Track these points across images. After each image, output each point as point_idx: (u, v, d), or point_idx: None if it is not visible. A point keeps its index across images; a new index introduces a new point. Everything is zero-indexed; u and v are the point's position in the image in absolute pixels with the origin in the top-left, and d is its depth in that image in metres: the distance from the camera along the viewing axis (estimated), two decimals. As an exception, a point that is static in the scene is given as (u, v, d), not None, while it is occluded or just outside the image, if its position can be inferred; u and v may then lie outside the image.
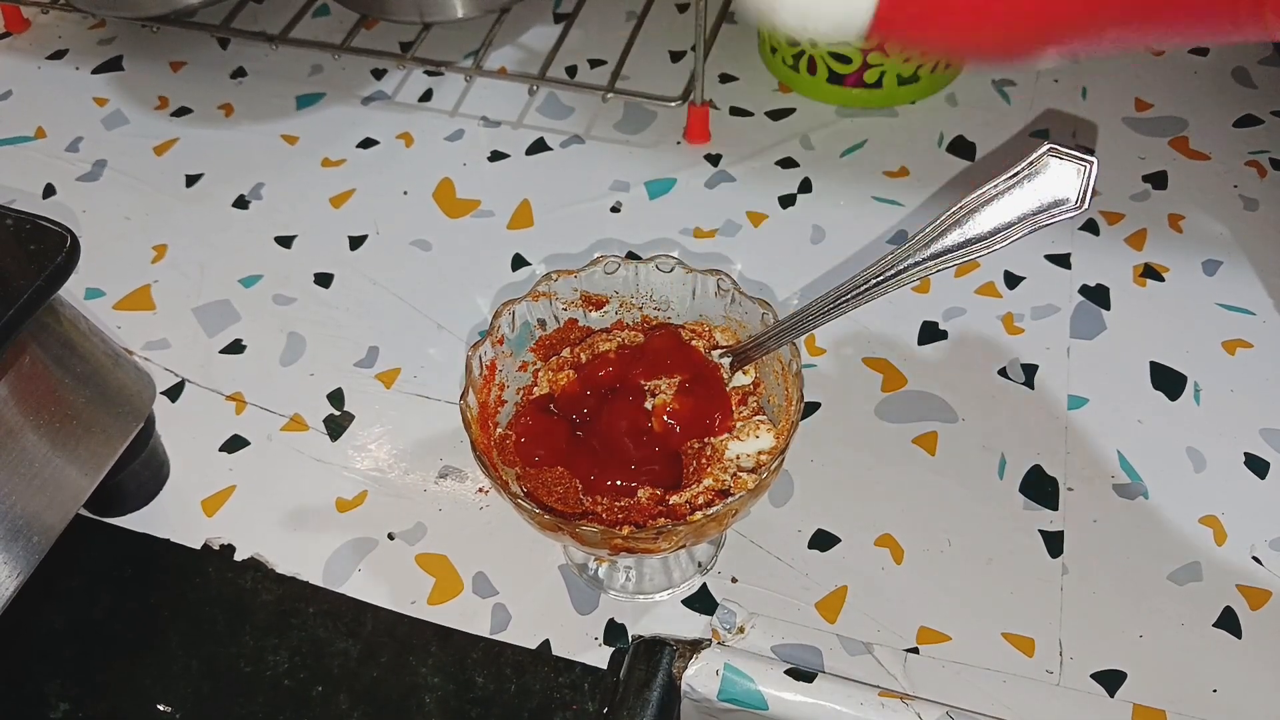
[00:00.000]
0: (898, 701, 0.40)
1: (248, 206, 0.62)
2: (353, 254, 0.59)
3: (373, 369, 0.53)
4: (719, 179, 0.62)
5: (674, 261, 0.42)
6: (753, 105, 0.66)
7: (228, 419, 0.52)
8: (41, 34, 0.74)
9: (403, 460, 0.50)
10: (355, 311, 0.56)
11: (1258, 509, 0.46)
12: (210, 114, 0.67)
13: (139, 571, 0.47)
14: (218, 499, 0.49)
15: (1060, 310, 0.54)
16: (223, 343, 0.55)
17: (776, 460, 0.37)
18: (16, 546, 0.40)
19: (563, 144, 0.64)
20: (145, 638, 0.45)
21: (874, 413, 0.50)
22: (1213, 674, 0.42)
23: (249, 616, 0.45)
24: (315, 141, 0.65)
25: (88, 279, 0.58)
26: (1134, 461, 0.48)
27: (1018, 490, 0.47)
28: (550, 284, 0.42)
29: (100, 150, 0.65)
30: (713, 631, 0.44)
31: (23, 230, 0.40)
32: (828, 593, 0.45)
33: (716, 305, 0.43)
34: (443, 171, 0.63)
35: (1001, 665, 0.42)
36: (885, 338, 0.53)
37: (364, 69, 0.69)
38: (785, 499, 0.47)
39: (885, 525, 0.46)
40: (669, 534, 0.36)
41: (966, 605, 0.44)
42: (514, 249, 0.58)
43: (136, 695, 0.43)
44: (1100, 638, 0.43)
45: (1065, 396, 0.50)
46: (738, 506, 0.37)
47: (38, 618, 0.45)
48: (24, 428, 0.40)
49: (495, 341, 0.41)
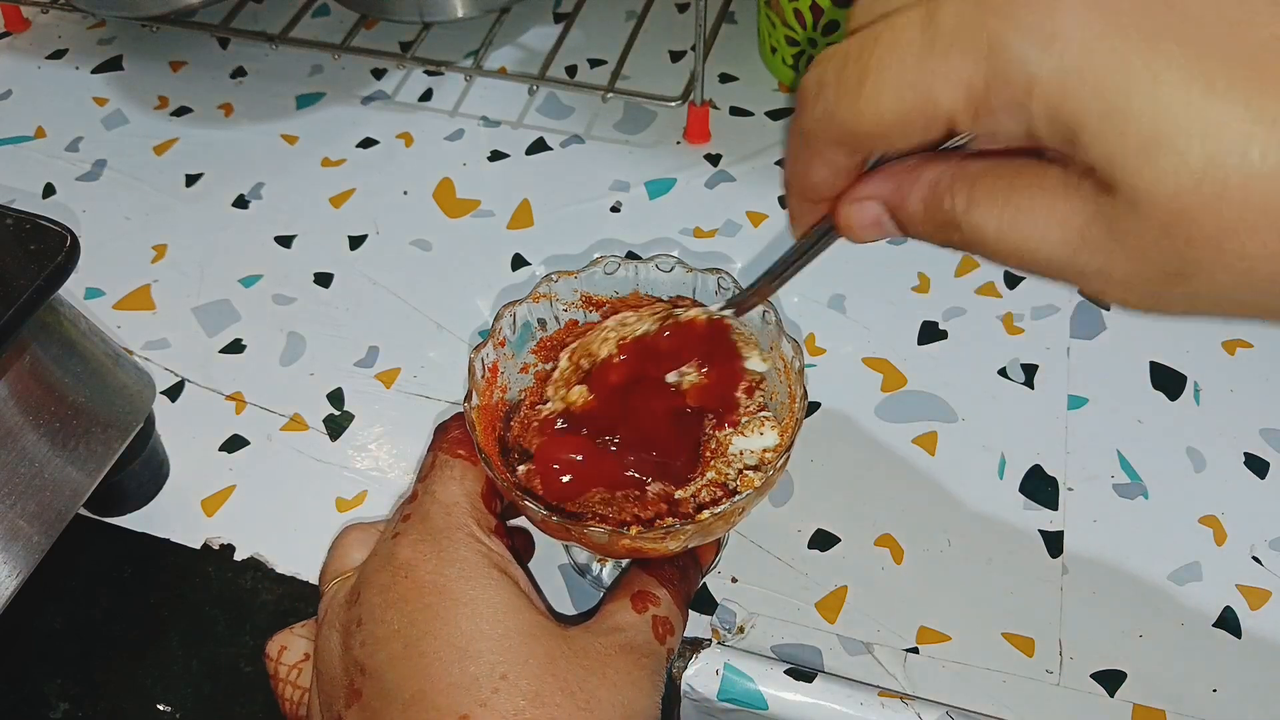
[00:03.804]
0: (898, 701, 0.40)
1: (248, 206, 0.62)
2: (353, 254, 0.59)
3: (373, 369, 0.53)
4: (719, 179, 0.62)
5: (674, 261, 0.42)
6: (753, 105, 0.66)
7: (228, 419, 0.52)
8: (41, 34, 0.74)
9: (403, 460, 0.50)
10: (355, 311, 0.56)
11: (1258, 509, 0.46)
12: (210, 114, 0.67)
13: (139, 571, 0.47)
14: (218, 499, 0.49)
15: (1060, 310, 0.54)
16: (223, 342, 0.55)
17: (782, 458, 0.37)
18: (16, 546, 0.40)
19: (563, 144, 0.64)
20: (145, 638, 0.45)
21: (874, 413, 0.50)
22: (1213, 674, 0.42)
23: (249, 616, 0.45)
24: (315, 141, 0.65)
25: (88, 279, 0.58)
26: (1134, 461, 0.48)
27: (1018, 490, 0.47)
28: (550, 285, 0.42)
29: (100, 150, 0.65)
30: (713, 631, 0.44)
31: (23, 230, 0.40)
32: (828, 593, 0.45)
33: (716, 304, 0.43)
34: (443, 171, 0.63)
35: (1001, 665, 0.42)
36: (885, 338, 0.53)
37: (364, 69, 0.69)
38: (785, 499, 0.47)
39: (885, 525, 0.46)
40: (676, 534, 0.36)
41: (966, 605, 0.44)
42: (514, 249, 0.58)
43: (136, 695, 0.43)
44: (1100, 638, 0.43)
45: (1065, 396, 0.50)
46: (745, 505, 0.36)
47: (38, 618, 0.45)
48: (24, 428, 0.40)
49: (497, 344, 0.41)
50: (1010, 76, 0.22)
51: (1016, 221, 0.24)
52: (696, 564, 0.40)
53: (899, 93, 0.23)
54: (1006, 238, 0.24)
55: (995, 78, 0.22)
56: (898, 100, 0.24)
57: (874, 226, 0.28)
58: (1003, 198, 0.24)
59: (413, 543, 0.34)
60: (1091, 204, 0.23)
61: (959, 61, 0.22)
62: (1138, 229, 0.22)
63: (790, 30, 0.63)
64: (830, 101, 0.25)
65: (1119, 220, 0.22)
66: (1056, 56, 0.21)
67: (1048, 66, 0.21)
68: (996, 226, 0.24)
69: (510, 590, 0.33)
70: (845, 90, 0.25)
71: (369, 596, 0.34)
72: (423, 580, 0.33)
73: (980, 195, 0.25)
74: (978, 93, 0.22)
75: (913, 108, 0.23)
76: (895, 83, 0.24)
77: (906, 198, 0.26)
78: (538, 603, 0.34)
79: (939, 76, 0.23)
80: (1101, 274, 0.23)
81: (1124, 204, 0.22)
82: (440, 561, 0.33)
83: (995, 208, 0.24)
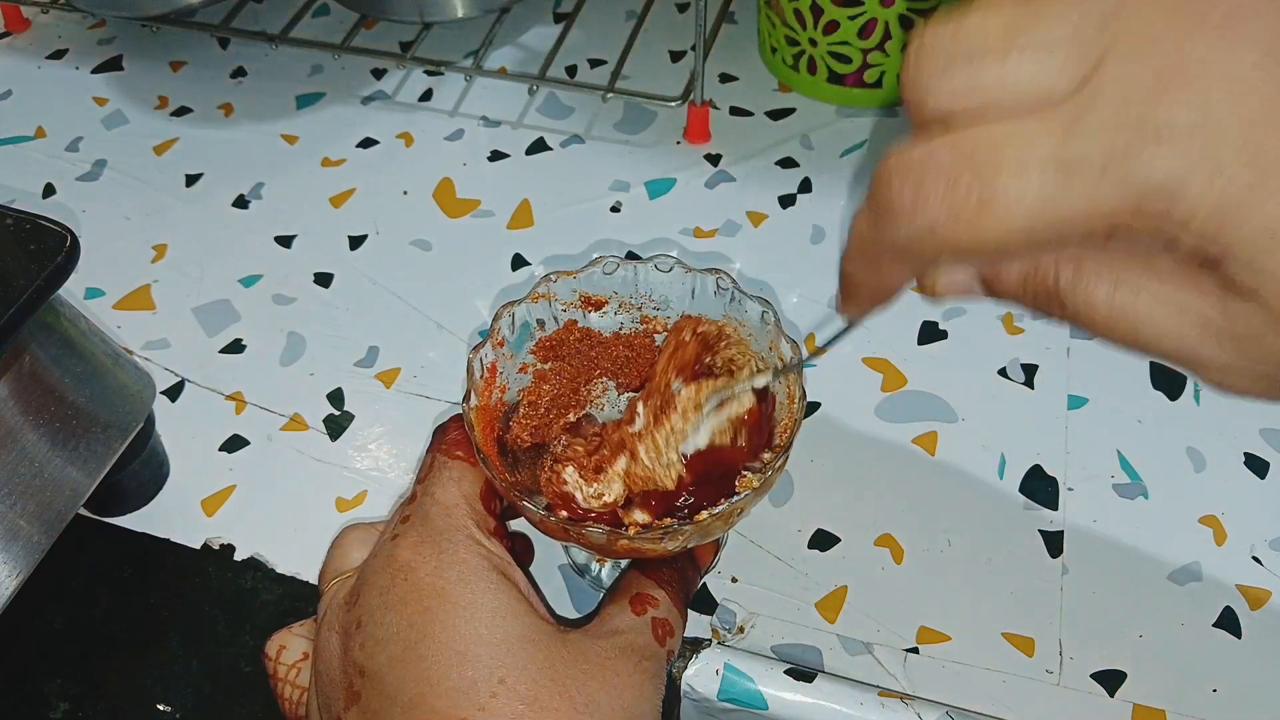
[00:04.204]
0: (898, 701, 0.40)
1: (248, 206, 0.62)
2: (353, 254, 0.59)
3: (373, 369, 0.53)
4: (719, 179, 0.61)
5: (673, 261, 0.42)
6: (753, 105, 0.66)
7: (228, 419, 0.52)
8: (41, 34, 0.74)
9: (403, 460, 0.50)
10: (355, 311, 0.56)
11: (1258, 509, 0.46)
12: (210, 114, 0.67)
13: (139, 571, 0.47)
14: (218, 499, 0.49)
15: (1060, 310, 0.54)
16: (223, 342, 0.55)
17: (781, 458, 0.37)
18: (16, 546, 0.40)
19: (563, 144, 0.64)
20: (145, 638, 0.45)
21: (874, 413, 0.50)
22: (1213, 674, 0.42)
23: (249, 616, 0.45)
24: (315, 141, 0.65)
25: (88, 279, 0.58)
26: (1134, 461, 0.48)
27: (1018, 490, 0.47)
28: (549, 285, 0.42)
29: (100, 150, 0.65)
30: (713, 631, 0.44)
31: (23, 230, 0.40)
32: (828, 593, 0.45)
33: (716, 304, 0.43)
34: (443, 171, 0.63)
35: (1001, 665, 0.42)
36: (885, 338, 0.53)
37: (364, 69, 0.69)
38: (785, 499, 0.47)
39: (885, 525, 0.46)
40: (675, 534, 0.36)
41: (966, 605, 0.44)
42: (514, 249, 0.58)
43: (136, 695, 0.43)
44: (1100, 638, 0.43)
45: (1065, 396, 0.50)
46: (744, 505, 0.36)
47: (38, 618, 0.45)
48: (24, 428, 0.40)
49: (496, 344, 0.41)
50: (1162, 207, 0.20)
51: (1133, 303, 0.23)
52: (695, 565, 0.40)
53: (1029, 223, 0.21)
54: (1121, 319, 0.23)
55: (1144, 209, 0.21)
56: (1027, 230, 0.22)
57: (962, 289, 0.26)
58: (1112, 275, 0.23)
59: (412, 544, 0.34)
60: (1215, 299, 0.22)
61: (1107, 191, 0.21)
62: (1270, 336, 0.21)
63: (790, 30, 0.63)
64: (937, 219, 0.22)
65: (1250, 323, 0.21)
66: (1219, 191, 0.20)
67: (1207, 197, 0.20)
68: (1107, 305, 0.23)
69: (509, 593, 0.33)
70: (961, 211, 0.22)
71: (368, 598, 0.34)
72: (422, 583, 0.33)
73: (1087, 271, 0.23)
74: (1122, 221, 0.21)
75: (1043, 234, 0.22)
76: (1027, 213, 0.21)
77: (1004, 272, 0.25)
78: (537, 605, 0.34)
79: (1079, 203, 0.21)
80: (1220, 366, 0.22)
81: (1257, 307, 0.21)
82: (440, 564, 0.33)
83: (1105, 286, 0.23)
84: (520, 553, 0.40)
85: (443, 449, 0.37)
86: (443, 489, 0.36)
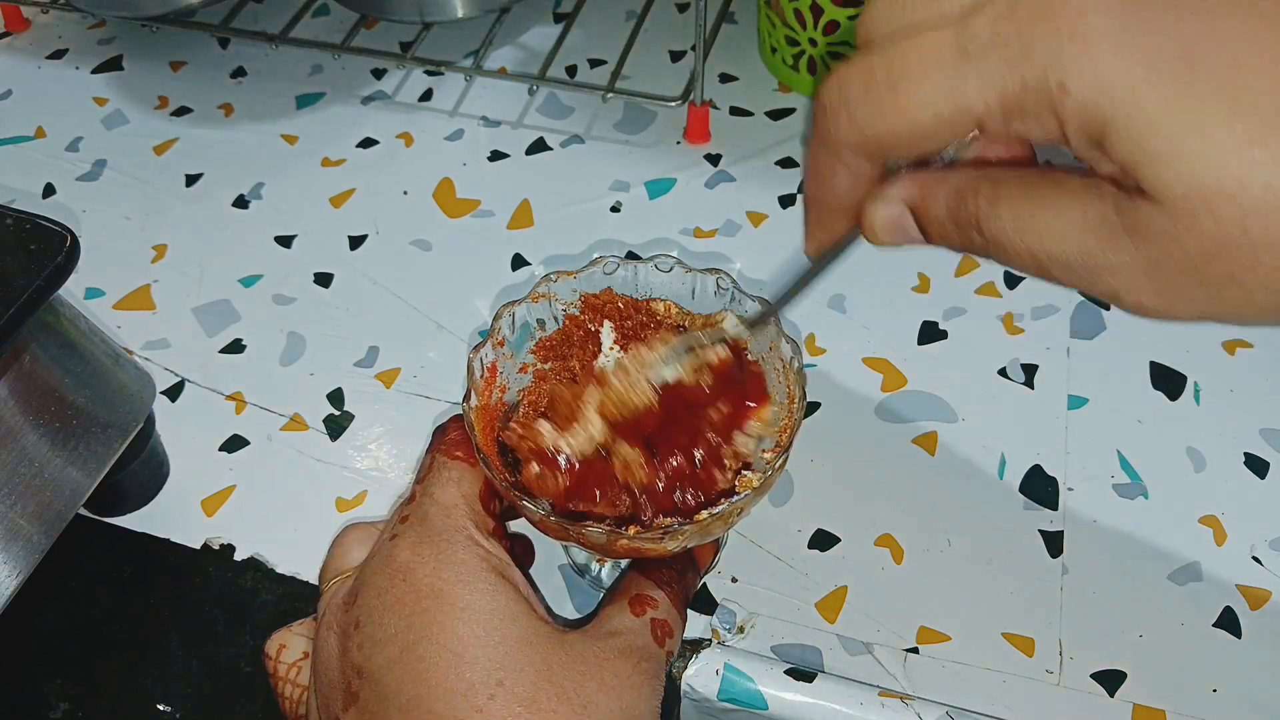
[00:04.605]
0: (898, 701, 0.40)
1: (248, 206, 0.62)
2: (353, 254, 0.59)
3: (373, 369, 0.53)
4: (719, 179, 0.61)
5: (673, 261, 0.42)
6: (753, 105, 0.66)
7: (228, 419, 0.52)
8: (41, 34, 0.74)
9: (402, 460, 0.50)
10: (355, 311, 0.56)
11: (1258, 509, 0.46)
12: (210, 114, 0.67)
13: (139, 571, 0.47)
14: (218, 499, 0.49)
15: (1060, 310, 0.54)
16: (223, 342, 0.55)
17: (781, 458, 0.37)
18: (16, 546, 0.40)
19: (563, 144, 0.64)
20: (145, 638, 0.45)
21: (874, 413, 0.50)
22: (1213, 674, 0.42)
23: (249, 616, 0.45)
24: (315, 141, 0.65)
25: (88, 279, 0.58)
26: (1134, 461, 0.48)
27: (1018, 490, 0.47)
28: (549, 285, 0.42)
29: (100, 150, 0.65)
30: (713, 631, 0.44)
31: (23, 230, 0.40)
32: (828, 593, 0.45)
33: (716, 304, 0.43)
34: (443, 171, 0.63)
35: (1001, 665, 0.42)
36: (885, 338, 0.53)
37: (364, 69, 0.69)
38: (785, 499, 0.47)
39: (885, 525, 0.46)
40: (675, 534, 0.36)
41: (966, 605, 0.44)
42: (514, 249, 0.58)
43: (136, 695, 0.43)
44: (1100, 638, 0.43)
45: (1065, 396, 0.50)
46: (743, 505, 0.36)
47: (38, 618, 0.45)
48: (24, 428, 0.40)
49: (496, 344, 0.41)
50: (1044, 80, 0.23)
51: (1037, 217, 0.25)
52: (694, 565, 0.40)
53: (933, 99, 0.24)
54: (1025, 234, 0.25)
55: (1030, 81, 0.23)
56: (932, 106, 0.24)
57: (896, 229, 0.29)
58: (1024, 195, 0.25)
59: (411, 545, 0.34)
60: (1112, 203, 0.23)
61: (995, 67, 0.23)
62: (1160, 224, 0.22)
63: (790, 30, 0.63)
64: (858, 110, 0.26)
65: (1141, 216, 0.23)
66: (1090, 60, 0.22)
67: (1082, 70, 0.22)
68: (1015, 223, 0.25)
69: (508, 595, 0.33)
70: (875, 98, 0.25)
71: (367, 599, 0.34)
72: (421, 584, 0.33)
73: (1003, 193, 0.25)
74: (1012, 96, 0.23)
75: (946, 113, 0.24)
76: (930, 90, 0.24)
77: (930, 199, 0.27)
78: (536, 607, 0.34)
79: (974, 82, 0.24)
80: (1118, 270, 0.24)
81: (1147, 201, 0.22)
82: (438, 564, 0.33)
83: (1016, 205, 0.25)
84: (520, 554, 0.40)
85: (442, 449, 0.37)
86: (442, 489, 0.36)
